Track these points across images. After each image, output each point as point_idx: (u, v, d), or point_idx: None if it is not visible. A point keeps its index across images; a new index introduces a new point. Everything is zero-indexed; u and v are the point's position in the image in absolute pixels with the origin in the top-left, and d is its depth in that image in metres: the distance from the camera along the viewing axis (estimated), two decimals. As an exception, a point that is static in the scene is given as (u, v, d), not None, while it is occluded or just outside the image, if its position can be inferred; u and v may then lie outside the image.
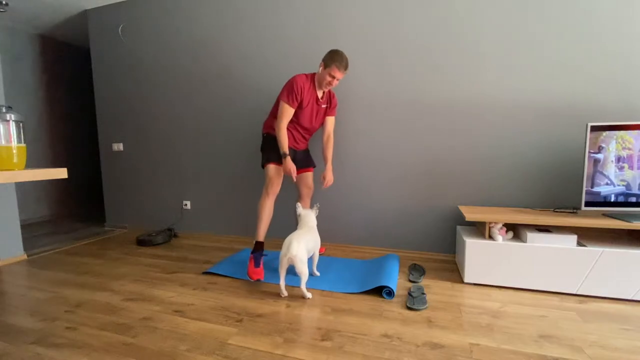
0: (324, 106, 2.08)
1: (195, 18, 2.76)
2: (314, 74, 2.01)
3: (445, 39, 2.13)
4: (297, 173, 2.14)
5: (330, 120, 2.17)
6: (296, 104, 1.94)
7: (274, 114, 2.04)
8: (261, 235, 2.00)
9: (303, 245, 1.62)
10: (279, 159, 2.00)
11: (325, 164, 2.16)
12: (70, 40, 3.96)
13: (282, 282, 1.64)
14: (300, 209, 1.93)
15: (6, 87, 3.31)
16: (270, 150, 2.04)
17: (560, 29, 1.93)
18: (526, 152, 2.05)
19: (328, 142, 2.17)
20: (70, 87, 4.07)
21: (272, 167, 2.02)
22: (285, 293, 1.65)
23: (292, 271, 1.72)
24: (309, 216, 1.90)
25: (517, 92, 2.04)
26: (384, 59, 2.27)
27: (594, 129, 1.67)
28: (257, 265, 1.87)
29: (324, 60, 1.92)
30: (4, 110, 1.02)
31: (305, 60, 2.46)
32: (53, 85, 3.88)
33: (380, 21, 2.26)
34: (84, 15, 3.21)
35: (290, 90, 1.92)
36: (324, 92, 2.05)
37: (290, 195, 2.50)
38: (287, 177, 2.07)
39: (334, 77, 1.90)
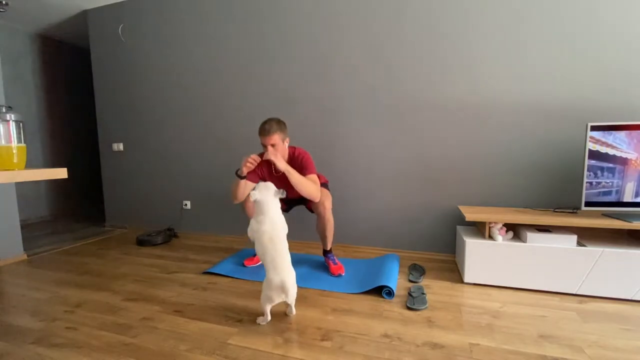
0: (281, 173, 1.85)
1: (195, 17, 2.76)
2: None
3: (444, 39, 2.13)
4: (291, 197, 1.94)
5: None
6: (256, 178, 1.91)
7: None
8: None
9: (294, 275, 1.41)
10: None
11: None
12: (70, 40, 3.96)
13: (268, 316, 1.42)
14: (256, 193, 1.41)
15: (6, 87, 3.30)
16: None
17: (560, 30, 1.93)
18: (526, 152, 2.05)
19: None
20: (70, 87, 4.08)
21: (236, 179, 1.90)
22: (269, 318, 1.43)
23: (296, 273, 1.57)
24: (270, 203, 1.37)
25: (517, 92, 2.03)
26: (383, 59, 2.27)
27: (594, 129, 1.67)
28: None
29: None
30: (4, 110, 1.01)
31: (303, 60, 2.46)
32: (53, 85, 3.88)
33: (380, 20, 2.26)
34: (84, 15, 3.21)
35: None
36: (273, 165, 1.88)
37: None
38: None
39: (264, 145, 1.84)
